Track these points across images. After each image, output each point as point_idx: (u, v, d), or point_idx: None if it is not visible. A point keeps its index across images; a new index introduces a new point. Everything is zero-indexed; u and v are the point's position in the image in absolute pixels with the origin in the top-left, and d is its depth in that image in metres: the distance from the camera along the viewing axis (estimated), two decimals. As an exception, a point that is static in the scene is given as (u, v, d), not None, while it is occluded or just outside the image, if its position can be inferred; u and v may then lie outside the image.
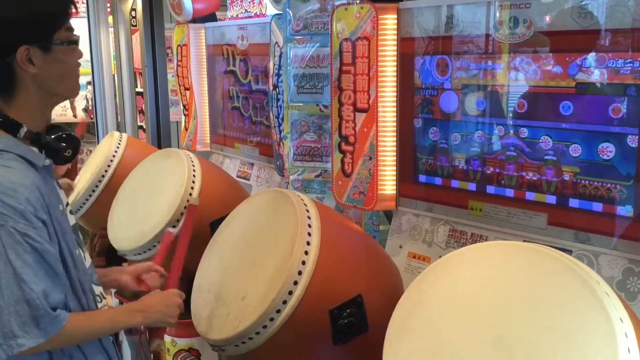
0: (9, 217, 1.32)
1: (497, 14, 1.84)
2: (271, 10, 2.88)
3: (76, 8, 1.50)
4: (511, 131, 1.85)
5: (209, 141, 3.60)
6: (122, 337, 2.38)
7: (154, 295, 1.65)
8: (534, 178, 1.80)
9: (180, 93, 3.67)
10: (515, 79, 1.83)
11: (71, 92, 1.54)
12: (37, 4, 1.41)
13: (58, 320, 1.36)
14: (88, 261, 1.57)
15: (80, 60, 1.51)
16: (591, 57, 1.64)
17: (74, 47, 1.47)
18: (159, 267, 1.83)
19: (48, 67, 1.42)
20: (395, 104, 2.15)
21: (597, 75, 1.64)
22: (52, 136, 1.50)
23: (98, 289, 1.61)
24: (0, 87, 1.43)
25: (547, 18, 1.73)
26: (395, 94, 2.14)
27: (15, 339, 1.32)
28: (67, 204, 1.56)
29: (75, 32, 1.48)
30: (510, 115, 1.86)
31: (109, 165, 2.81)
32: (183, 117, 3.72)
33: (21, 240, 1.33)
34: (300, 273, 1.58)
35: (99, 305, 1.58)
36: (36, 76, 1.42)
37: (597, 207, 1.68)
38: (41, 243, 1.35)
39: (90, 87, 5.19)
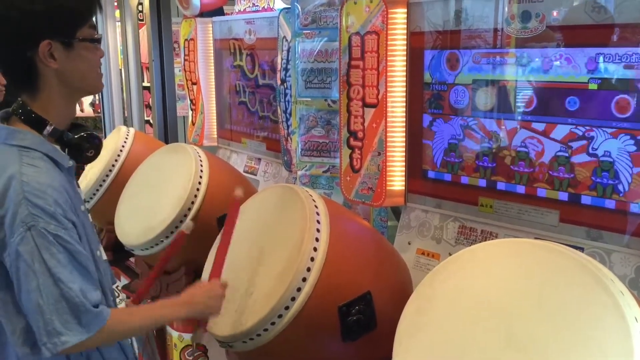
0: (39, 217, 1.32)
1: (509, 8, 1.81)
2: (279, 4, 2.86)
3: (101, 7, 1.50)
4: (522, 127, 1.83)
5: (216, 136, 3.59)
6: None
7: (199, 287, 1.61)
8: (546, 175, 1.78)
9: (188, 88, 3.65)
10: (527, 73, 1.81)
11: (93, 89, 1.56)
12: (62, 0, 1.41)
13: (101, 317, 1.35)
14: (105, 258, 1.58)
15: None
16: (605, 52, 1.62)
17: (96, 45, 1.48)
18: None
19: (70, 63, 1.43)
20: (404, 99, 2.12)
21: (610, 71, 1.62)
22: (76, 136, 1.50)
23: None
24: (24, 82, 1.44)
25: (560, 12, 1.71)
26: (404, 89, 2.12)
27: (59, 337, 1.31)
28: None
29: (99, 31, 1.48)
30: (522, 110, 1.84)
31: (116, 160, 2.81)
32: (190, 112, 3.71)
33: (53, 241, 1.32)
34: (308, 270, 1.57)
35: (117, 302, 1.58)
36: (58, 72, 1.42)
37: (610, 204, 1.65)
38: (72, 244, 1.35)
39: (97, 82, 5.18)
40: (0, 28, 1.38)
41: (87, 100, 5.90)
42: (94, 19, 1.48)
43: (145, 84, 4.73)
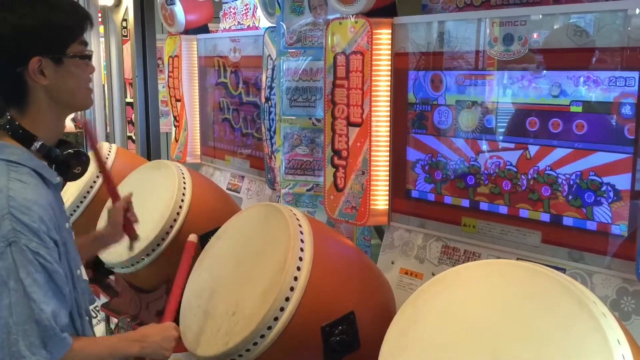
0: (22, 234, 1.30)
1: (492, 31, 1.84)
2: (264, 23, 2.88)
3: (92, 23, 1.48)
4: (505, 148, 1.85)
5: (199, 153, 3.58)
6: None
7: (152, 327, 1.63)
8: (528, 196, 1.79)
9: (171, 104, 3.64)
10: (510, 96, 1.83)
11: (83, 105, 1.54)
12: (52, 16, 1.39)
13: (65, 343, 1.34)
14: (85, 277, 1.55)
15: None
16: (586, 75, 1.64)
17: (87, 61, 1.46)
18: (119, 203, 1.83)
19: (59, 79, 1.41)
20: (388, 118, 2.14)
21: (591, 93, 1.64)
22: (64, 152, 1.48)
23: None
24: (13, 98, 1.42)
25: (542, 35, 1.73)
26: (388, 108, 2.13)
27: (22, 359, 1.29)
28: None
29: (89, 48, 1.48)
30: (504, 132, 1.85)
31: (97, 176, 2.78)
32: (173, 129, 3.69)
33: (32, 259, 1.30)
34: (292, 289, 1.56)
35: (94, 322, 1.55)
36: (48, 88, 1.41)
37: (592, 225, 1.67)
38: (51, 263, 1.33)
39: (79, 97, 5.15)
40: None
41: (69, 115, 5.85)
42: (85, 35, 1.46)
43: (129, 99, 4.70)
